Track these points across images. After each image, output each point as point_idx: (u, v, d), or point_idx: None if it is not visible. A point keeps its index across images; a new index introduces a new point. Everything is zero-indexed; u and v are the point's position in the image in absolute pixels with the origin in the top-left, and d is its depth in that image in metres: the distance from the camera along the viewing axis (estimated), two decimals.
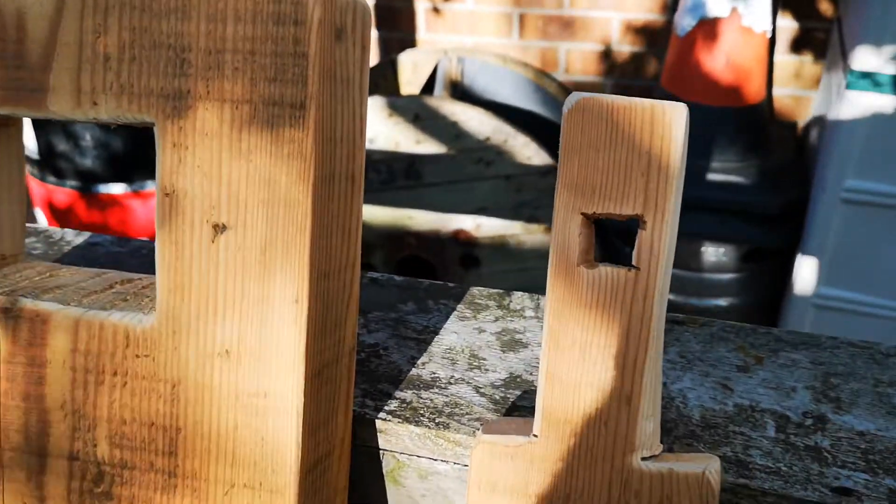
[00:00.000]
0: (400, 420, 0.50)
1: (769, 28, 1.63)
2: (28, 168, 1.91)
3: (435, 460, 0.50)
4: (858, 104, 1.44)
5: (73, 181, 1.74)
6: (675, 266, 1.85)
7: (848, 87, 1.46)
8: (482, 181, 1.91)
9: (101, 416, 0.46)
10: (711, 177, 1.75)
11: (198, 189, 0.43)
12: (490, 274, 1.95)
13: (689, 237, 1.73)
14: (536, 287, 1.95)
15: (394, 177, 1.90)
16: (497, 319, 0.59)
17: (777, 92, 2.03)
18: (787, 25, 1.98)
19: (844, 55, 1.53)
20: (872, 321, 1.57)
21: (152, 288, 0.49)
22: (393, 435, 0.50)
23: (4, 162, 0.51)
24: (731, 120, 1.74)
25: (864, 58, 1.42)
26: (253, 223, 0.42)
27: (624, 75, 2.15)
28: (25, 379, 0.46)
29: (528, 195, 1.88)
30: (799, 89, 2.04)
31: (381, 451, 0.51)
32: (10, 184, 0.52)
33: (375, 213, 1.89)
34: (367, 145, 1.84)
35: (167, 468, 0.46)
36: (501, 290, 0.62)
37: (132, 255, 0.68)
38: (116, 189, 1.73)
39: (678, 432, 0.47)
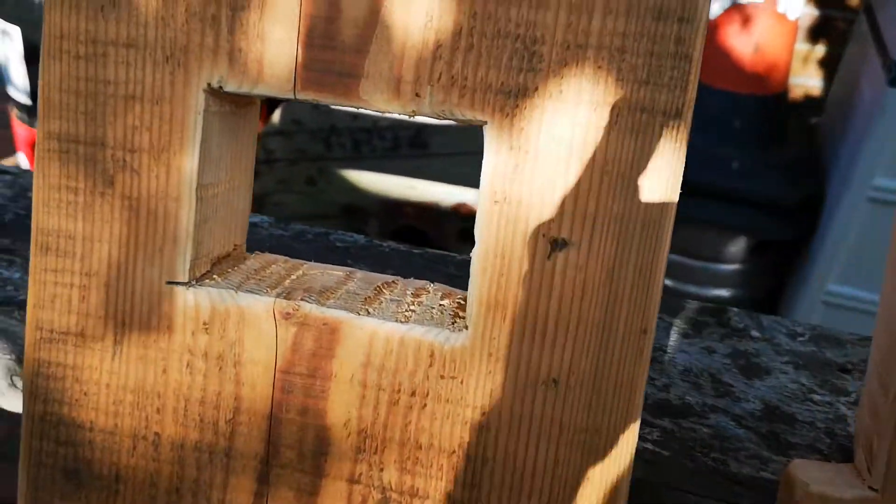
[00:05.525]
0: (669, 452, 0.46)
1: (800, 15, 1.62)
2: (17, 112, 1.79)
3: (705, 497, 0.47)
4: None
5: None
6: (679, 252, 1.84)
7: (891, 83, 1.45)
8: None
9: (392, 439, 0.41)
10: (729, 165, 1.73)
11: (536, 199, 0.38)
12: None
13: (697, 224, 1.71)
14: None
15: (398, 145, 1.84)
16: (723, 339, 0.56)
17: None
18: (806, 13, 1.98)
19: (883, 48, 1.51)
20: None
21: (432, 296, 0.44)
22: (664, 467, 0.47)
23: (245, 143, 0.45)
24: (755, 108, 1.73)
25: None
26: (601, 241, 0.38)
27: None
28: (304, 391, 0.41)
29: None
30: (808, 78, 2.05)
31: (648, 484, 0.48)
32: (247, 168, 0.46)
33: (375, 181, 1.82)
34: (373, 112, 1.78)
35: (468, 499, 0.41)
36: (713, 305, 0.59)
37: (297, 240, 0.62)
38: None
39: None
